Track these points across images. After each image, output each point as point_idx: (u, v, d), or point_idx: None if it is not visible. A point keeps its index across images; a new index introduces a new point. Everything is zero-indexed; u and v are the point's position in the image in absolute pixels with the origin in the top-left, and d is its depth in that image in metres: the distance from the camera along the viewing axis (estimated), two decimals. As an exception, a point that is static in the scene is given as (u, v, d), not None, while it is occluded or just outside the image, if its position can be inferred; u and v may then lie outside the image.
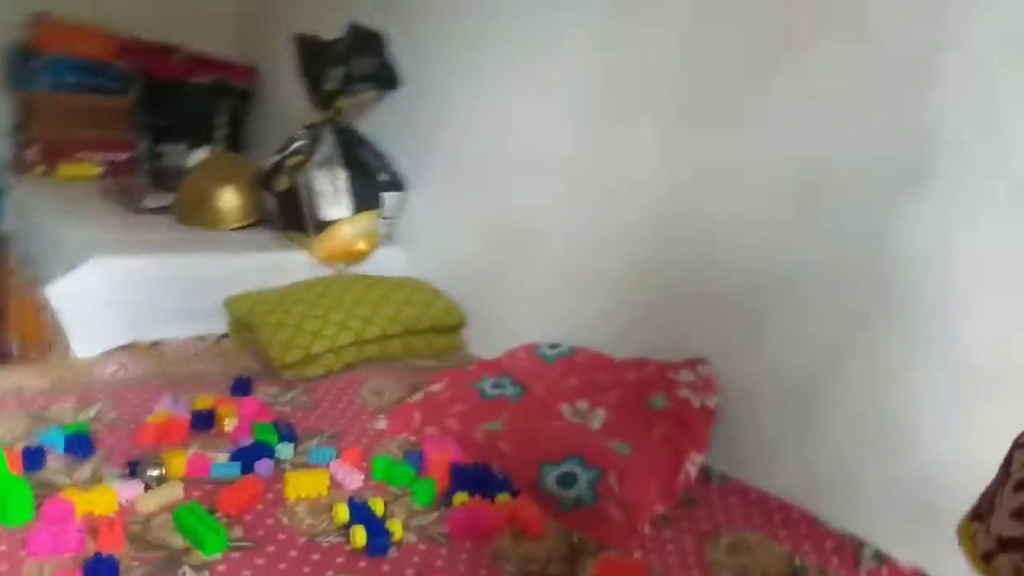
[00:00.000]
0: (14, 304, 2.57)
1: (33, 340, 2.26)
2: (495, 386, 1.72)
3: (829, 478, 1.48)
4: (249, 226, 2.47)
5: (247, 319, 1.97)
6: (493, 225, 2.17)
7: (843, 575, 1.31)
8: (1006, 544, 0.59)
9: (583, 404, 1.66)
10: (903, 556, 1.33)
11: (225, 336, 2.05)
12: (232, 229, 2.44)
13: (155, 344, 1.95)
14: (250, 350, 1.97)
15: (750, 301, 1.58)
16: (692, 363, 1.63)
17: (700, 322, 1.68)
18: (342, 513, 1.30)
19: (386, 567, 1.23)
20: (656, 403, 1.62)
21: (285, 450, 1.50)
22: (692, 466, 1.51)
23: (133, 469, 1.37)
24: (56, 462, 1.40)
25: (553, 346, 1.83)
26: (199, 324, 2.04)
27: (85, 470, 1.39)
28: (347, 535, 1.28)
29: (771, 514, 1.47)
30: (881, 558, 1.34)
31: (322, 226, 2.31)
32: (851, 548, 1.37)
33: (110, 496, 1.27)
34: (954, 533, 1.16)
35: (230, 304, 2.03)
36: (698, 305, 1.68)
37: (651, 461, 1.49)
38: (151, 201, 2.58)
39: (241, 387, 1.74)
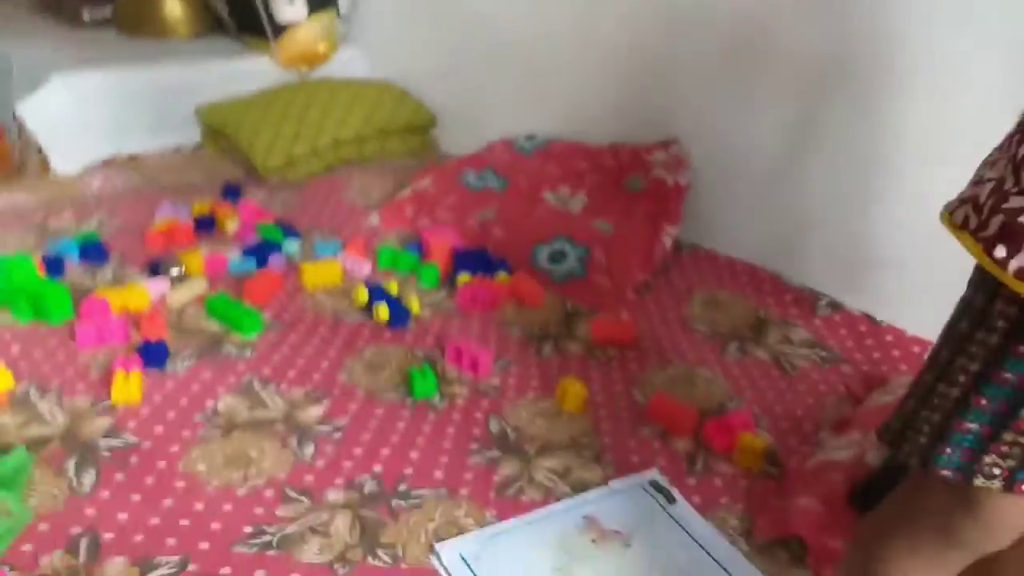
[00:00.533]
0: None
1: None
2: (479, 179, 1.81)
3: (791, 242, 1.64)
4: (200, 35, 2.39)
5: (223, 128, 1.97)
6: (458, 21, 2.14)
7: (801, 323, 1.51)
8: None
9: (564, 190, 1.77)
10: (853, 304, 1.53)
11: (200, 146, 2.06)
12: (183, 39, 2.36)
13: (133, 157, 1.95)
14: (228, 158, 2.00)
15: (720, 81, 1.66)
16: (664, 144, 1.73)
17: (671, 105, 1.76)
18: (362, 294, 1.41)
19: (408, 336, 1.37)
20: (633, 184, 1.73)
21: (292, 246, 1.58)
22: (667, 238, 1.65)
23: (154, 269, 1.45)
24: (75, 268, 1.46)
25: (529, 138, 1.91)
26: (171, 135, 2.03)
27: (106, 273, 1.46)
28: (368, 313, 1.41)
29: (738, 275, 1.64)
30: (834, 306, 1.54)
31: (280, 29, 2.26)
32: (808, 299, 1.56)
33: (141, 292, 1.35)
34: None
35: (203, 114, 2.02)
36: (669, 88, 1.75)
37: (631, 236, 1.63)
38: (89, 13, 2.46)
39: (231, 192, 1.79)
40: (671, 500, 1.05)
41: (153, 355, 1.21)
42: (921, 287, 1.45)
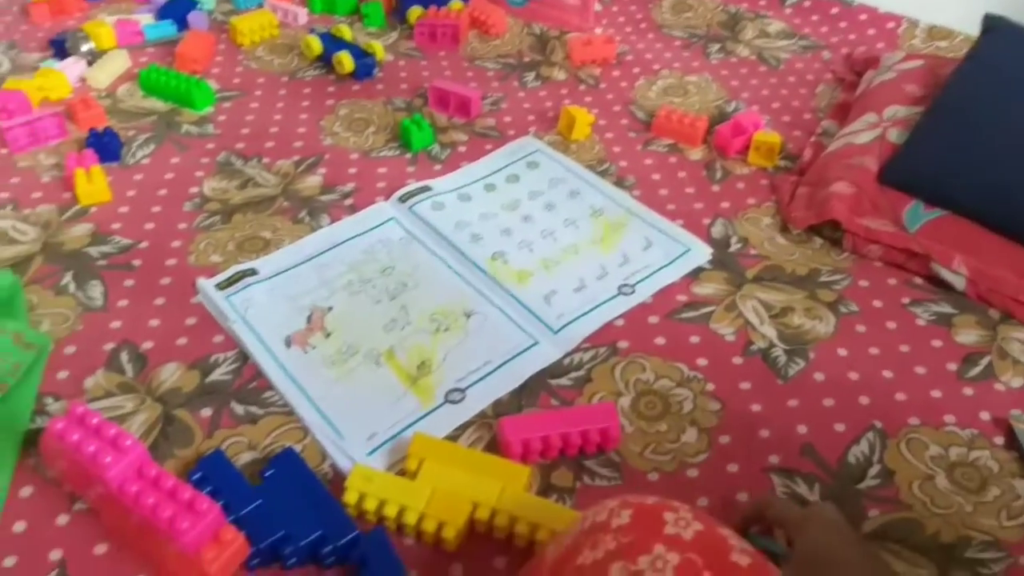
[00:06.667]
0: None
1: None
2: None
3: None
4: None
5: None
6: None
7: (772, 14, 1.44)
8: None
9: None
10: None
11: None
12: None
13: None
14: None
15: None
16: None
17: None
18: (314, 45, 1.24)
19: (380, 86, 1.23)
20: None
21: (207, -1, 1.36)
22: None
23: (59, 49, 1.22)
24: (-43, 61, 1.22)
25: None
26: None
27: (1, 63, 1.22)
28: (325, 67, 1.25)
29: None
30: (802, -8, 1.47)
31: None
32: (775, -9, 1.49)
33: (59, 78, 1.14)
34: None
35: None
36: None
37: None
38: None
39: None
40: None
41: (106, 147, 1.04)
42: (893, -42, 1.41)
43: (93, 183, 0.98)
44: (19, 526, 0.69)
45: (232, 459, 0.73)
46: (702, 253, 0.97)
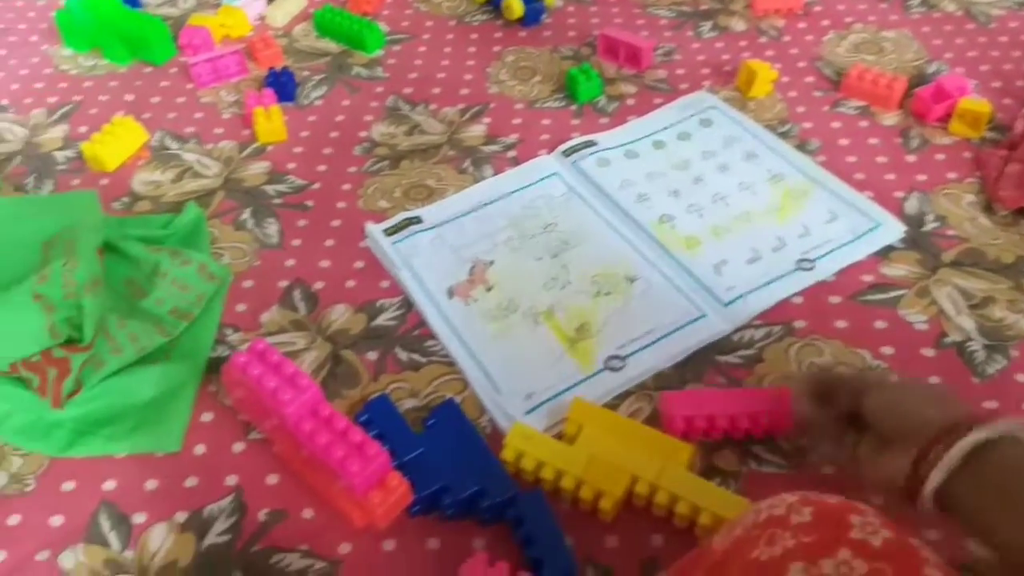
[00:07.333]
0: None
1: None
2: None
3: None
4: None
5: None
6: None
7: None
8: None
9: None
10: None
11: None
12: None
13: None
14: None
15: None
16: None
17: None
18: (485, -11, 1.22)
19: (547, 33, 1.20)
20: None
21: (382, -59, 1.35)
22: None
23: (241, -12, 1.25)
24: (149, -3, 1.27)
25: None
26: None
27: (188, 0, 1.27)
28: (493, 12, 1.23)
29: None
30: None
31: None
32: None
33: (240, 16, 1.17)
34: None
35: None
36: None
37: None
38: None
39: None
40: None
41: (283, 87, 1.07)
42: None
43: (272, 122, 1.01)
44: (199, 448, 0.72)
45: (395, 404, 0.74)
46: (894, 230, 0.89)
